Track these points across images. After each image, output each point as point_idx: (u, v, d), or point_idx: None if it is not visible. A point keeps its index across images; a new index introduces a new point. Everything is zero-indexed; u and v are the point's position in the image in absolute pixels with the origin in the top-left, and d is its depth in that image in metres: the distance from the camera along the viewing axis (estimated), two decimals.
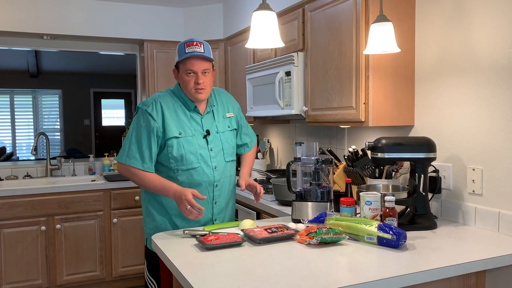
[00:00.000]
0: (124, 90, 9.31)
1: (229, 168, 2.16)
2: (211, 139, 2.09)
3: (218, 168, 2.09)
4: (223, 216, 2.18)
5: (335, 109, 2.45)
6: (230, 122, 2.20)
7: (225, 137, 2.14)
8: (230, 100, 2.26)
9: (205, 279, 1.38)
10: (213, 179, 2.08)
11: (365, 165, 2.41)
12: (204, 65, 2.03)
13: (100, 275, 3.63)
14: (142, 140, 1.99)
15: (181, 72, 2.05)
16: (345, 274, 1.42)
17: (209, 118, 2.12)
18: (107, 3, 3.91)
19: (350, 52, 2.31)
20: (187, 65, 2.01)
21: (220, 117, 2.16)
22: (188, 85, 2.03)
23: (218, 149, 2.10)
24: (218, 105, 2.18)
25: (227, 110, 2.21)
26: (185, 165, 2.02)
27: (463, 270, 1.52)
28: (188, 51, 2.00)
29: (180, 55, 2.03)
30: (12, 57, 7.68)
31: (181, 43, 2.05)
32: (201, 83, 2.01)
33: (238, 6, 3.69)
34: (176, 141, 2.01)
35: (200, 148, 2.05)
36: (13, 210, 3.34)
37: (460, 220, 2.07)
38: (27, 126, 8.89)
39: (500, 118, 1.90)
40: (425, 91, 2.27)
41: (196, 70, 2.01)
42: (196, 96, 2.04)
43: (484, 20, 1.95)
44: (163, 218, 2.10)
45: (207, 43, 2.07)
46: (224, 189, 2.14)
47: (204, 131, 2.08)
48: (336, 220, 1.83)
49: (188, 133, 2.03)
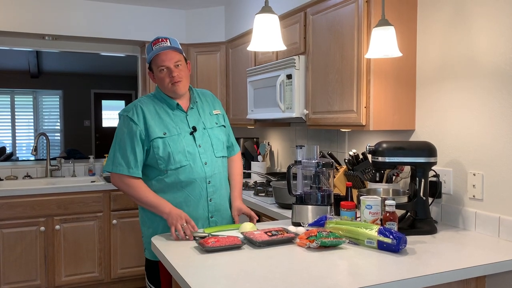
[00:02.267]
0: (124, 91, 9.34)
1: (220, 164, 2.13)
2: (198, 136, 2.07)
3: (208, 164, 2.07)
4: (221, 214, 2.14)
5: (336, 113, 2.45)
6: (218, 119, 2.19)
7: (213, 133, 2.13)
8: (215, 99, 2.26)
9: (205, 282, 1.38)
10: (205, 176, 2.06)
11: (366, 169, 2.41)
12: (174, 57, 2.01)
13: (99, 277, 3.63)
14: (126, 146, 1.99)
15: (155, 71, 2.05)
16: (345, 278, 1.42)
17: (194, 115, 2.11)
18: (109, 4, 3.92)
19: (351, 55, 2.32)
20: (157, 62, 2.01)
21: (207, 114, 2.15)
22: (164, 82, 2.03)
23: (207, 145, 2.09)
24: (203, 102, 2.18)
25: (213, 108, 2.20)
26: (173, 164, 2.00)
27: (463, 275, 1.52)
28: (155, 48, 2.01)
29: (149, 54, 2.04)
30: (13, 58, 7.70)
31: (148, 44, 2.07)
32: (175, 75, 2.01)
33: (240, 9, 3.70)
34: (161, 141, 1.99)
35: (188, 146, 2.03)
36: (12, 210, 3.33)
37: (460, 225, 2.07)
38: (28, 127, 8.91)
39: (501, 123, 1.90)
40: (426, 95, 2.27)
41: (167, 64, 2.01)
42: (174, 89, 2.03)
43: (486, 25, 1.95)
44: (158, 224, 2.06)
45: (173, 38, 2.07)
46: (218, 186, 2.11)
47: (190, 128, 2.07)
48: (336, 223, 1.83)
49: (173, 132, 2.02)
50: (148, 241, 2.07)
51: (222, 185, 2.15)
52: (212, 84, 4.04)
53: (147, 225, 2.11)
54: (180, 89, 2.04)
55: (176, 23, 4.15)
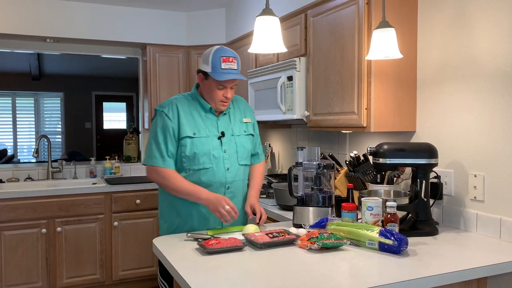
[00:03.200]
0: (126, 93, 9.35)
1: (242, 172, 2.16)
2: (225, 141, 2.11)
3: (231, 170, 2.10)
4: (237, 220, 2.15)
5: (337, 114, 2.45)
6: (247, 127, 2.22)
7: (240, 141, 2.16)
8: (247, 107, 2.29)
9: (206, 284, 1.38)
10: (225, 181, 2.09)
11: (367, 171, 2.41)
12: (235, 81, 2.08)
13: (100, 279, 3.63)
14: (159, 139, 2.05)
15: (210, 81, 2.04)
16: (346, 279, 1.42)
17: (225, 121, 2.15)
18: (110, 7, 3.93)
19: (352, 57, 2.32)
20: (222, 82, 2.03)
21: (237, 121, 2.19)
22: (215, 97, 2.07)
23: (233, 151, 2.12)
24: (235, 109, 2.21)
25: (244, 116, 2.23)
26: (196, 165, 2.05)
27: (465, 277, 1.52)
28: (224, 67, 2.00)
29: (214, 67, 2.00)
30: (15, 60, 7.71)
31: (214, 52, 2.02)
32: (229, 98, 2.08)
33: (241, 11, 3.71)
34: (189, 141, 2.04)
35: (214, 149, 2.07)
36: (14, 212, 3.34)
37: (462, 226, 2.07)
38: (29, 129, 8.92)
39: (502, 124, 1.90)
40: (427, 97, 2.27)
41: (227, 86, 2.06)
42: (219, 108, 2.10)
43: (486, 26, 1.96)
44: (174, 220, 2.13)
45: (238, 57, 2.08)
46: (237, 192, 2.15)
47: (219, 132, 2.11)
48: (338, 225, 1.83)
49: (202, 134, 2.07)
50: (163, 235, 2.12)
51: (240, 192, 2.17)
52: None
53: (164, 219, 2.18)
54: (224, 109, 2.12)
55: (177, 25, 4.16)
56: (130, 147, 4.51)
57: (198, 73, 2.10)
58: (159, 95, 4.10)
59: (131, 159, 4.45)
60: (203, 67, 2.05)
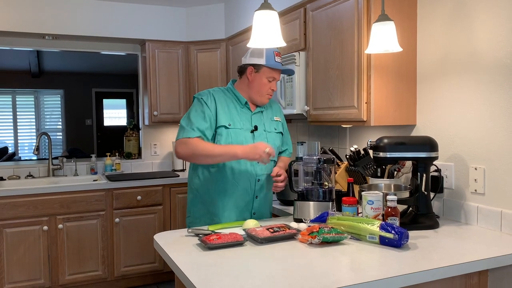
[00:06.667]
0: (126, 90, 9.31)
1: (270, 167, 2.22)
2: (257, 135, 2.17)
3: (260, 164, 2.14)
4: (262, 212, 2.24)
5: (337, 109, 2.45)
6: (277, 126, 2.29)
7: (271, 137, 2.22)
8: (278, 107, 2.38)
9: (207, 279, 1.38)
10: (255, 174, 2.15)
11: (367, 165, 2.41)
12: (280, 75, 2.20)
13: (102, 275, 3.64)
14: (192, 119, 2.08)
15: (261, 74, 2.13)
16: (347, 273, 1.42)
17: (258, 117, 2.22)
18: (109, 3, 3.91)
19: (351, 51, 2.31)
20: (274, 74, 2.14)
21: (268, 119, 2.26)
22: (263, 89, 2.15)
23: None
24: (267, 108, 2.28)
25: (275, 114, 2.31)
26: None
27: (466, 270, 1.52)
28: (277, 60, 2.14)
29: (268, 59, 2.11)
30: (14, 57, 7.68)
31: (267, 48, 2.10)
32: (275, 90, 2.18)
33: (240, 6, 3.69)
34: (225, 131, 2.10)
35: (246, 141, 2.12)
36: (15, 210, 3.34)
37: (462, 219, 2.07)
38: (29, 126, 8.89)
39: (503, 117, 1.90)
40: (427, 90, 2.27)
41: (277, 78, 2.17)
42: (264, 101, 2.19)
43: (486, 19, 1.95)
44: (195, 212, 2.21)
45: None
46: (265, 186, 2.21)
47: (252, 126, 2.17)
48: (338, 219, 1.83)
49: (237, 126, 2.13)
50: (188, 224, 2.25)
51: (268, 186, 2.23)
52: (212, 81, 4.04)
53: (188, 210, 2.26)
54: (268, 101, 2.22)
55: (176, 20, 4.15)
56: (131, 144, 4.51)
57: (247, 68, 2.15)
58: (158, 91, 4.10)
59: (132, 155, 4.45)
60: (255, 61, 2.13)
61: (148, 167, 4.44)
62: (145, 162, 4.45)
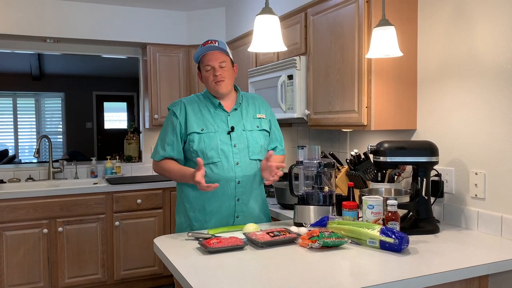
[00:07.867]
0: (126, 93, 9.35)
1: (254, 166, 2.17)
2: (235, 136, 2.13)
3: (240, 165, 2.11)
4: (248, 215, 2.17)
5: (337, 113, 2.45)
6: (260, 123, 2.23)
7: (252, 136, 2.17)
8: (263, 104, 2.32)
9: (207, 283, 1.38)
10: (235, 175, 2.11)
11: (367, 169, 2.41)
12: (219, 57, 2.13)
13: (102, 278, 3.63)
14: (166, 136, 2.16)
15: (202, 70, 2.18)
16: (347, 278, 1.42)
17: (236, 116, 2.19)
18: (110, 6, 3.93)
19: (352, 56, 2.32)
20: (204, 61, 2.15)
21: (250, 116, 2.21)
22: (208, 80, 2.15)
23: (243, 146, 2.13)
24: (249, 105, 2.24)
25: (258, 112, 2.26)
26: (205, 160, 2.08)
27: (466, 275, 1.52)
28: (203, 48, 2.14)
29: (197, 54, 2.17)
30: (15, 60, 7.72)
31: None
32: (218, 75, 2.12)
33: (240, 10, 3.70)
34: (197, 136, 2.11)
35: (222, 144, 2.10)
36: (15, 212, 3.34)
37: (463, 224, 2.07)
38: (30, 129, 8.92)
39: (503, 122, 1.90)
40: (427, 95, 2.27)
41: (212, 64, 2.12)
42: (216, 88, 2.13)
43: (487, 24, 1.95)
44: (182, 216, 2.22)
45: (222, 41, 2.18)
46: (248, 187, 2.16)
47: (228, 127, 2.15)
48: (338, 224, 1.83)
49: (210, 129, 2.12)
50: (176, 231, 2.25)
51: (253, 186, 2.19)
52: None
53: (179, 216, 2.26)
54: (222, 88, 2.14)
55: (177, 24, 4.16)
56: (131, 147, 4.51)
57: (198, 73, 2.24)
58: (159, 95, 4.11)
59: (132, 158, 4.45)
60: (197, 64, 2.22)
61: (149, 171, 4.44)
62: (146, 166, 4.45)
